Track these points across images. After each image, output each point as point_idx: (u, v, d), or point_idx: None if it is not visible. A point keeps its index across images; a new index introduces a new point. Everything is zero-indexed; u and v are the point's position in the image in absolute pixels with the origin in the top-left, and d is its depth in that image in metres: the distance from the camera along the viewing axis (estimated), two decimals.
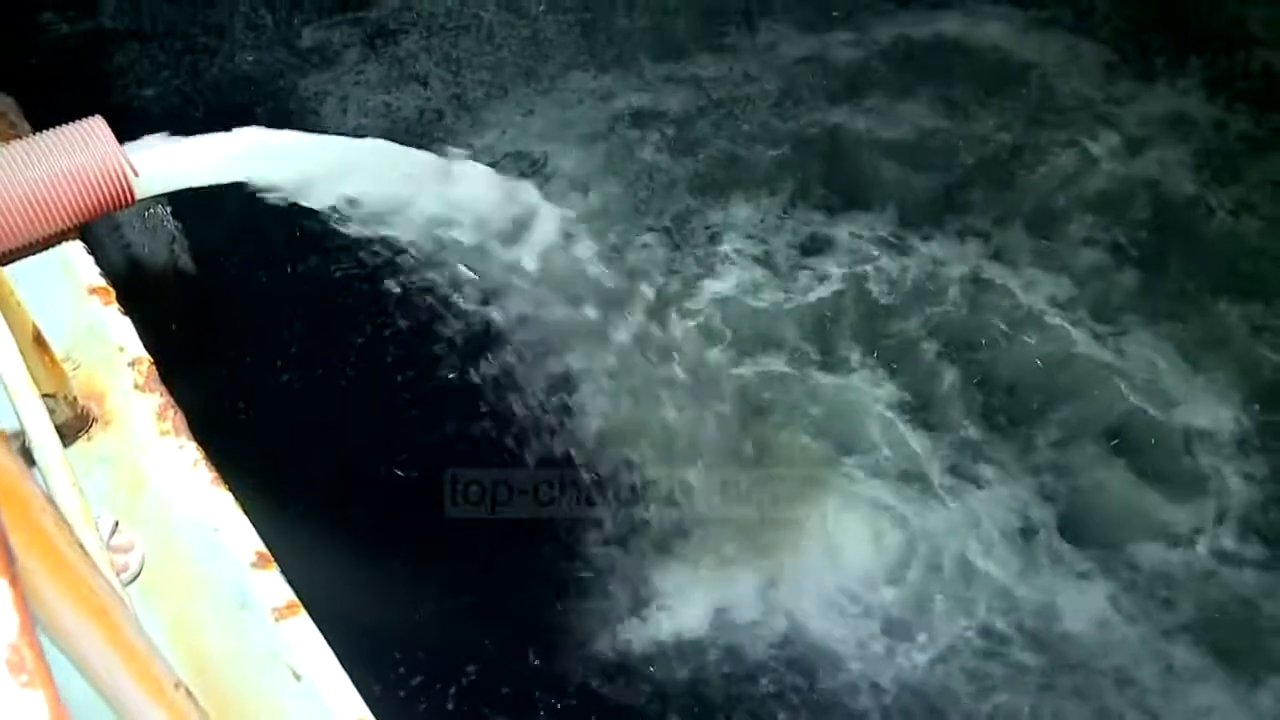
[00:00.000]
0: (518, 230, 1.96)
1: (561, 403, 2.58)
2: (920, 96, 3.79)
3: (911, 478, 2.79)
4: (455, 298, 2.52)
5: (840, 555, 2.62)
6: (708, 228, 3.38)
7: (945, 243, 3.32)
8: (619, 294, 2.98)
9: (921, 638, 2.51)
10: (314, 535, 1.75)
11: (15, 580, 0.40)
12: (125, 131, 1.34)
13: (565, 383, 2.58)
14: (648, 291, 2.80)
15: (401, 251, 1.75)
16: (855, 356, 3.03)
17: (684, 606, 2.48)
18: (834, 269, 3.25)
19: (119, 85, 3.69)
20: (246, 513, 1.27)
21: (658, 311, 2.71)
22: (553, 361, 2.55)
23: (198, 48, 3.88)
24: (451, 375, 2.67)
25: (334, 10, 4.10)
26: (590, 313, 2.52)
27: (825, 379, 2.98)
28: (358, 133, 3.62)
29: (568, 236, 2.06)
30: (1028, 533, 2.68)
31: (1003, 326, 3.06)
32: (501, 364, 2.59)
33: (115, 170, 1.42)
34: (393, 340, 2.76)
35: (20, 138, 1.68)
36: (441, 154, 1.62)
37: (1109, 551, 2.65)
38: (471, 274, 1.95)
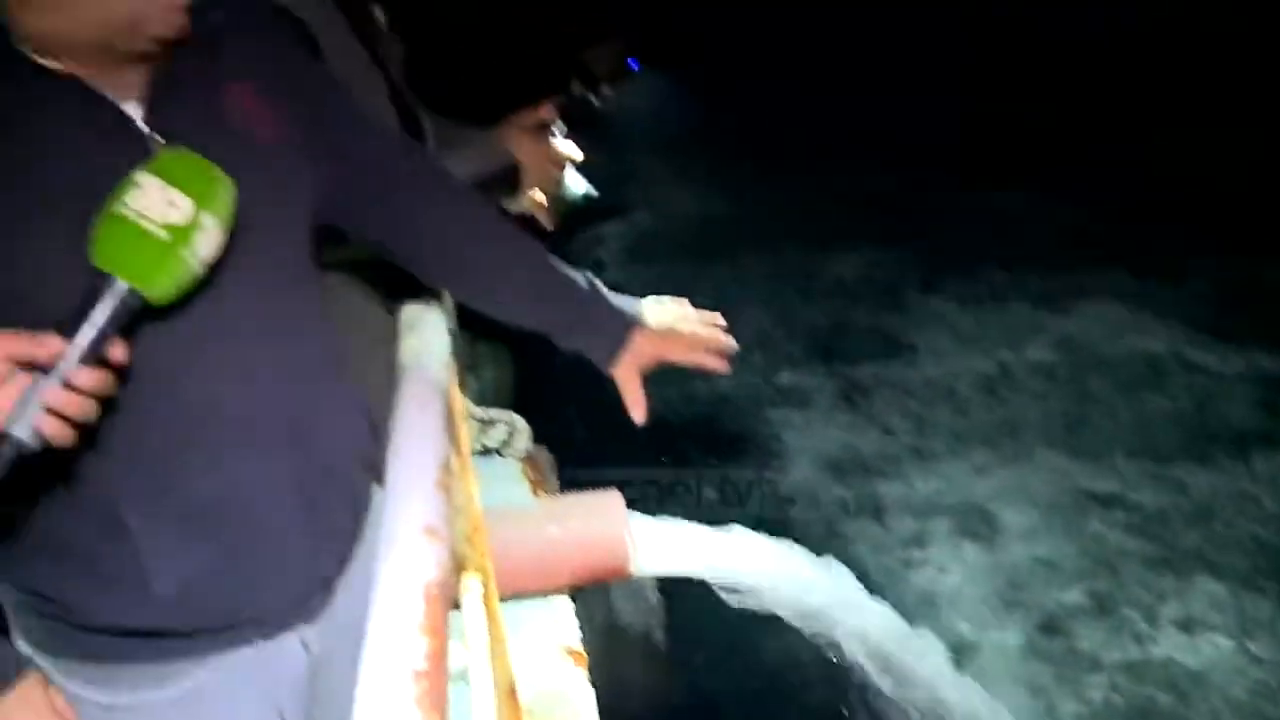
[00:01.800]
0: None
1: None
2: None
3: None
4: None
5: None
6: (1168, 612, 2.98)
7: None
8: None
9: None
10: None
11: None
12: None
13: None
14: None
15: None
16: None
17: None
18: None
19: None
20: None
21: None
22: None
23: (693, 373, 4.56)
24: None
25: (815, 361, 4.50)
26: None
27: None
28: (811, 460, 3.81)
29: None
30: None
31: None
32: None
33: (620, 547, 1.54)
34: None
35: (547, 492, 1.93)
36: None
37: None
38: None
